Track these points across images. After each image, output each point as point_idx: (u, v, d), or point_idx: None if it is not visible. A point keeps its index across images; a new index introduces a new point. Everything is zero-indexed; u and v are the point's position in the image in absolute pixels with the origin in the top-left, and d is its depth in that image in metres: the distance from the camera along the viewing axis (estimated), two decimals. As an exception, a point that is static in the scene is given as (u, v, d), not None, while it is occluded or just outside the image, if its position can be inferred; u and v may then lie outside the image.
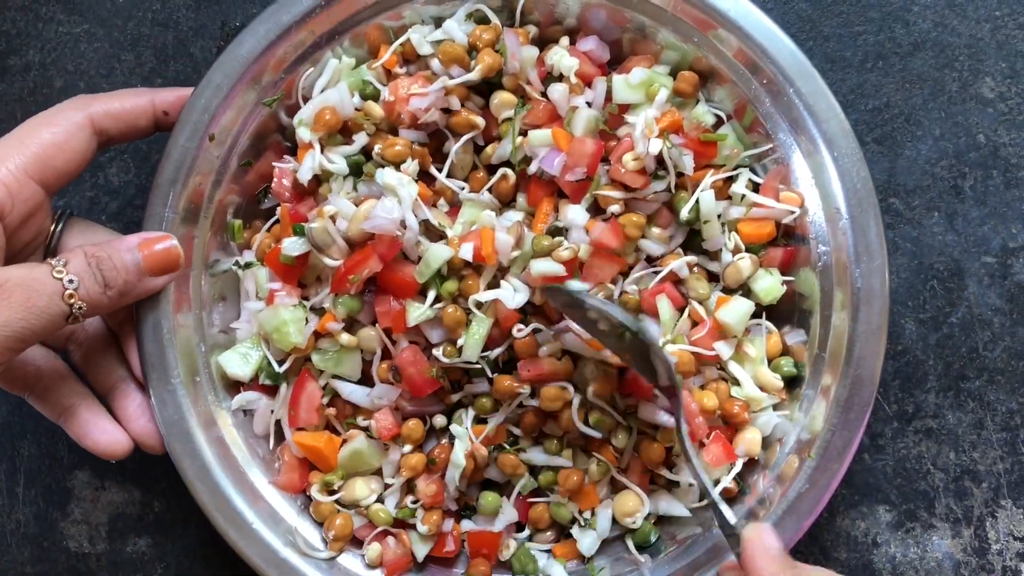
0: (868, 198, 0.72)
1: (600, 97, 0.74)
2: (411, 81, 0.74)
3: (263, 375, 0.74)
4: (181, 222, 0.73)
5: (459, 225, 0.73)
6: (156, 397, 0.72)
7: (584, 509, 0.75)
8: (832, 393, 0.72)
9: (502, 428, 0.74)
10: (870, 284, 0.71)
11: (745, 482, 0.74)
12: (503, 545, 0.75)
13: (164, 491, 0.82)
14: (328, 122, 0.73)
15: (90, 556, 0.83)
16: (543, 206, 0.74)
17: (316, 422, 0.75)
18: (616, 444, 0.73)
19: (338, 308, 0.72)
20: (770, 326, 0.75)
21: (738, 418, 0.72)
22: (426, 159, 0.74)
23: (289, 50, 0.74)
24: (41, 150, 0.67)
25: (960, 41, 0.83)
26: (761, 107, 0.74)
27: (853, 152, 0.72)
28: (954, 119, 0.82)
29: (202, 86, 0.73)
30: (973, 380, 0.81)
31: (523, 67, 0.73)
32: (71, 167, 0.68)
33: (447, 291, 0.71)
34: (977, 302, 0.81)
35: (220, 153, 0.74)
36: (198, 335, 0.74)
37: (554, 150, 0.71)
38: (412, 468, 0.73)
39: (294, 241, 0.71)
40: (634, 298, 0.73)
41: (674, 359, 0.70)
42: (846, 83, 0.83)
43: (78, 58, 0.84)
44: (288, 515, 0.74)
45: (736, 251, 0.75)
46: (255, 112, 0.74)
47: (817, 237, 0.73)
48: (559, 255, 0.70)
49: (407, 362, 0.71)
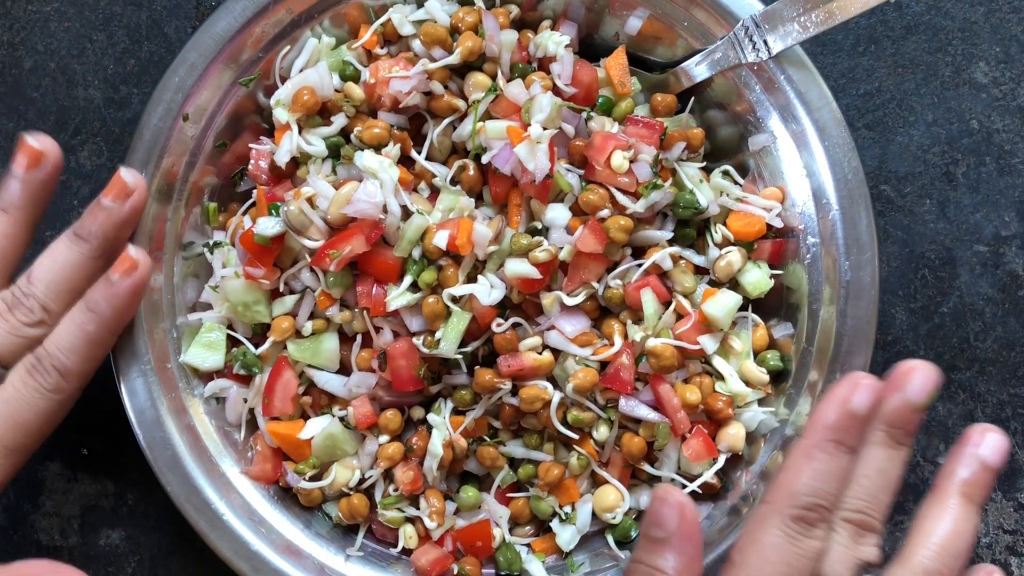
0: (859, 189, 0.71)
1: (567, 76, 0.71)
2: (392, 63, 0.72)
3: (237, 365, 0.73)
4: (154, 202, 0.71)
5: (437, 212, 0.71)
6: (126, 384, 0.71)
7: (564, 503, 0.73)
8: (819, 388, 0.71)
9: (482, 421, 0.73)
10: (859, 277, 0.70)
11: (728, 478, 0.73)
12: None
13: (138, 482, 0.81)
14: (306, 103, 0.71)
15: (62, 549, 0.81)
16: (512, 199, 0.72)
17: (291, 411, 0.73)
18: (597, 438, 0.72)
19: (332, 288, 0.71)
20: (756, 319, 0.74)
21: (722, 413, 0.71)
22: (407, 143, 0.73)
23: (267, 28, 0.72)
24: None
25: (954, 25, 0.81)
26: (751, 94, 0.73)
27: (845, 142, 0.71)
28: (947, 104, 0.81)
29: (176, 64, 0.71)
30: (964, 371, 0.80)
31: (500, 51, 0.72)
32: None
33: (424, 282, 0.70)
34: (969, 291, 0.80)
35: (195, 133, 0.72)
36: (169, 320, 0.73)
37: (508, 146, 0.69)
38: (390, 458, 0.72)
39: (268, 220, 0.70)
40: (618, 292, 0.71)
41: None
42: (837, 67, 0.81)
43: (48, 38, 0.82)
44: (261, 506, 0.73)
45: (724, 244, 0.73)
46: (231, 92, 0.73)
47: (806, 229, 0.72)
48: (535, 256, 0.69)
49: (399, 353, 0.70)
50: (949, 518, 0.56)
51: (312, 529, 0.73)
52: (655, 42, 0.75)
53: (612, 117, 0.73)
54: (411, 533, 0.73)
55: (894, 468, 0.57)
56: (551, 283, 0.71)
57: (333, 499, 0.75)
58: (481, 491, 0.74)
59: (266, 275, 0.71)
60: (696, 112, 0.76)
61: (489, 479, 0.74)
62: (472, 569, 0.72)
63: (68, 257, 0.67)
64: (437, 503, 0.72)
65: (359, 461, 0.73)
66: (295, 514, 0.74)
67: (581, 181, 0.71)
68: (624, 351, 0.70)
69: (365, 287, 0.71)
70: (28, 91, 0.82)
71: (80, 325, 0.66)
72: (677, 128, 0.74)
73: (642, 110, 0.75)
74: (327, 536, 0.74)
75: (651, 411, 0.70)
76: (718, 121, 0.76)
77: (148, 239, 0.72)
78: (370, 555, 0.74)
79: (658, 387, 0.70)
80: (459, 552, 0.73)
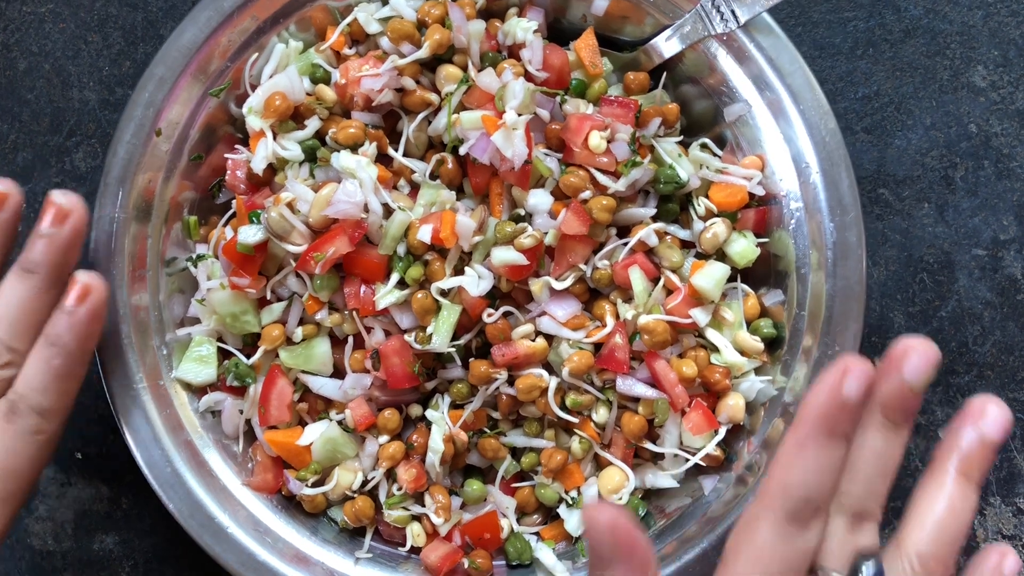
0: (838, 151, 0.71)
1: (538, 61, 0.71)
2: (362, 62, 0.72)
3: (230, 377, 0.73)
4: (133, 221, 0.71)
5: (419, 207, 0.71)
6: (119, 403, 0.70)
7: (569, 489, 0.73)
8: (814, 353, 0.70)
9: (481, 413, 0.73)
10: (845, 238, 0.70)
11: (731, 449, 0.73)
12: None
13: (132, 487, 0.80)
14: (279, 108, 0.71)
15: (55, 554, 0.80)
16: (493, 188, 0.72)
17: (288, 419, 0.73)
18: (597, 420, 0.72)
19: (319, 292, 0.70)
20: (747, 289, 0.74)
21: (719, 385, 0.71)
22: (383, 141, 0.73)
23: (233, 37, 0.72)
24: None
25: (952, 28, 0.81)
26: (723, 65, 0.73)
27: (819, 105, 0.71)
28: (945, 108, 0.81)
29: (144, 79, 0.71)
30: (963, 375, 0.80)
31: (469, 42, 0.71)
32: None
33: (412, 277, 0.70)
34: (967, 295, 0.80)
35: (168, 148, 0.72)
36: (158, 338, 0.72)
37: (484, 136, 0.69)
38: (391, 457, 0.71)
39: (250, 228, 0.69)
40: (606, 273, 0.71)
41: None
42: (835, 71, 0.81)
43: (43, 39, 0.82)
44: (265, 517, 0.72)
45: (708, 216, 0.73)
46: (203, 104, 0.73)
47: (788, 195, 0.72)
48: (521, 243, 0.68)
49: (392, 351, 0.70)
50: (945, 498, 0.53)
51: (319, 535, 0.73)
52: (623, 21, 0.75)
53: (586, 99, 0.73)
54: (419, 531, 0.73)
55: (892, 452, 0.53)
56: (538, 269, 0.71)
57: (337, 503, 0.74)
58: (486, 483, 0.74)
59: (252, 284, 0.71)
60: (669, 88, 0.75)
61: (493, 471, 0.74)
62: (483, 562, 0.72)
63: (21, 293, 0.64)
64: (442, 499, 0.72)
65: (360, 463, 0.73)
66: (300, 522, 0.73)
67: (560, 165, 0.71)
68: (617, 331, 0.70)
69: (352, 288, 0.70)
70: (22, 92, 0.82)
71: (46, 361, 0.64)
72: (652, 105, 0.74)
73: (615, 90, 0.75)
74: (334, 541, 0.73)
75: (649, 388, 0.70)
76: (692, 95, 0.76)
77: (130, 258, 0.71)
78: (379, 556, 0.74)
79: (654, 364, 0.70)
80: (468, 546, 0.73)
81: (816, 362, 0.70)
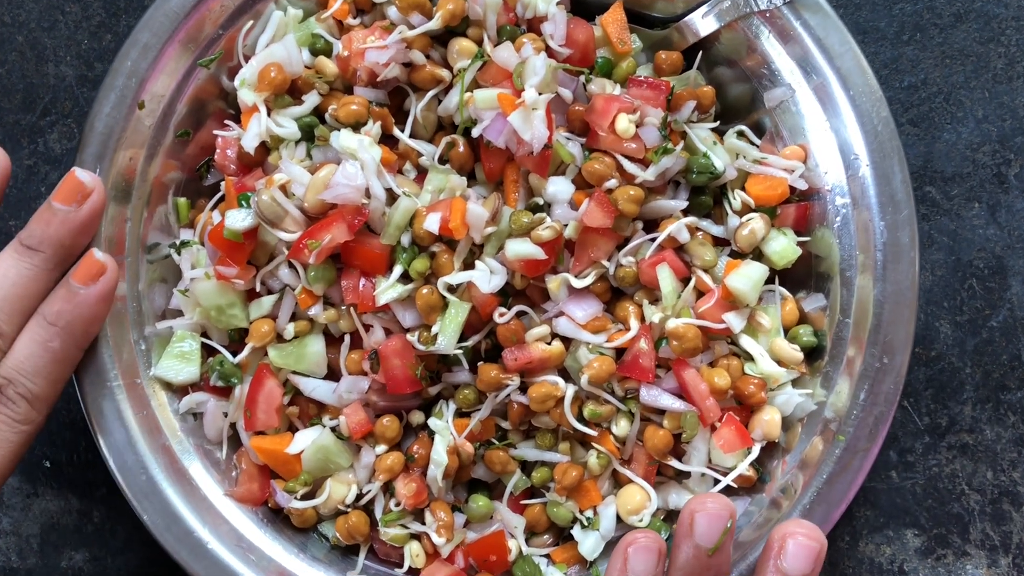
0: (891, 141, 0.68)
1: (561, 36, 0.68)
2: (367, 33, 0.70)
3: (214, 376, 0.70)
4: (111, 202, 0.69)
5: (427, 194, 0.68)
6: (91, 403, 0.68)
7: (584, 508, 0.71)
8: (859, 364, 0.68)
9: (489, 422, 0.71)
10: (896, 239, 0.68)
11: (765, 469, 0.70)
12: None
13: (104, 498, 0.78)
14: (274, 80, 0.69)
15: (19, 572, 0.79)
16: (508, 174, 0.69)
17: (276, 424, 0.71)
18: (617, 433, 0.69)
19: (314, 284, 0.68)
20: (785, 292, 0.71)
21: (754, 397, 0.69)
22: (388, 120, 0.70)
23: (226, 2, 0.71)
24: None
25: (1007, 13, 0.79)
26: (764, 46, 0.70)
27: (871, 91, 0.69)
28: (999, 99, 0.79)
29: (127, 46, 0.69)
30: (1015, 391, 0.78)
31: (485, 13, 0.69)
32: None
33: (416, 271, 0.67)
34: (1020, 304, 0.78)
35: (152, 123, 0.71)
36: (136, 331, 0.70)
37: (500, 116, 0.66)
38: (389, 469, 0.69)
39: (239, 213, 0.67)
40: (631, 271, 0.68)
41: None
42: (879, 57, 0.80)
43: (16, 8, 0.80)
44: (249, 531, 0.70)
45: (744, 211, 0.70)
46: (191, 75, 0.71)
47: (834, 189, 0.69)
48: (538, 235, 0.66)
49: (392, 351, 0.67)
50: None
51: (307, 553, 0.71)
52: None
53: (613, 79, 0.71)
54: (417, 551, 0.70)
55: None
56: (557, 264, 0.69)
57: (329, 518, 0.72)
58: (492, 500, 0.72)
59: (240, 274, 0.68)
60: (703, 70, 0.73)
61: (500, 486, 0.72)
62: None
63: (18, 271, 0.63)
64: (444, 516, 0.69)
65: (355, 475, 0.71)
66: (288, 537, 0.72)
67: (583, 150, 0.69)
68: (642, 335, 0.68)
69: (350, 281, 0.68)
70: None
71: (42, 343, 0.62)
72: (685, 87, 0.72)
73: (644, 70, 0.73)
74: (325, 560, 0.71)
75: (676, 400, 0.68)
76: (727, 79, 0.73)
77: (107, 243, 0.69)
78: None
79: (682, 373, 0.68)
80: (472, 568, 0.71)
81: (860, 375, 0.68)
